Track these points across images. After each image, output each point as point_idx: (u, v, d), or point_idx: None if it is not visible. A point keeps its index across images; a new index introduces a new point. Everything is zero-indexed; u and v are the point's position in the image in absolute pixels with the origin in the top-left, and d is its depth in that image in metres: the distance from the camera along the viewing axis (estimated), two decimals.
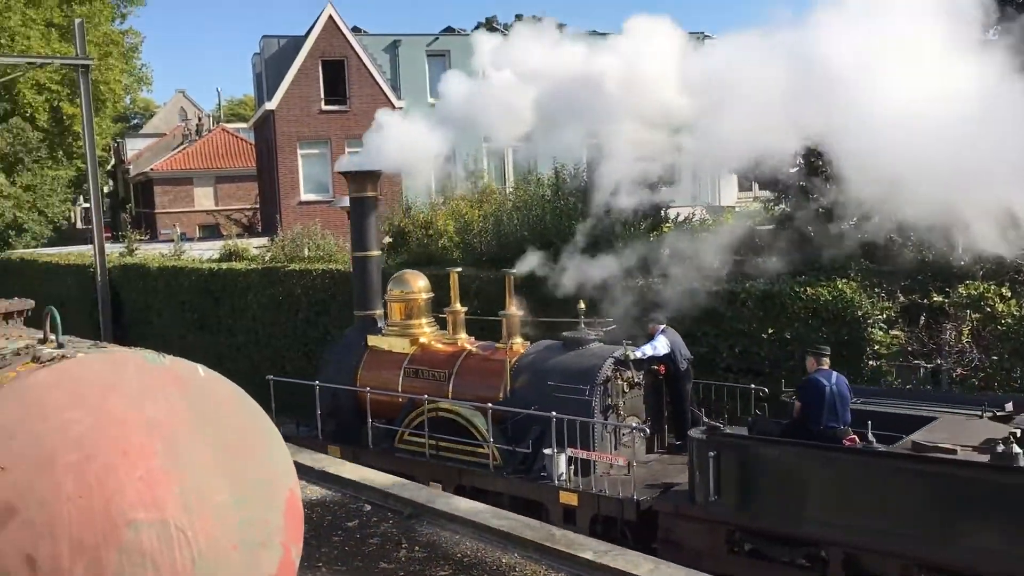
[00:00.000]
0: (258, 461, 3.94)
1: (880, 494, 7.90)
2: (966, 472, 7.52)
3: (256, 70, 37.68)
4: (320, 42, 33.35)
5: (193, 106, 67.39)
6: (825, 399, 8.59)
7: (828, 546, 8.23)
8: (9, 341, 4.16)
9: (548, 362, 10.93)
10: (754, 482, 8.63)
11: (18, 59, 30.71)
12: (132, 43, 51.29)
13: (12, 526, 3.29)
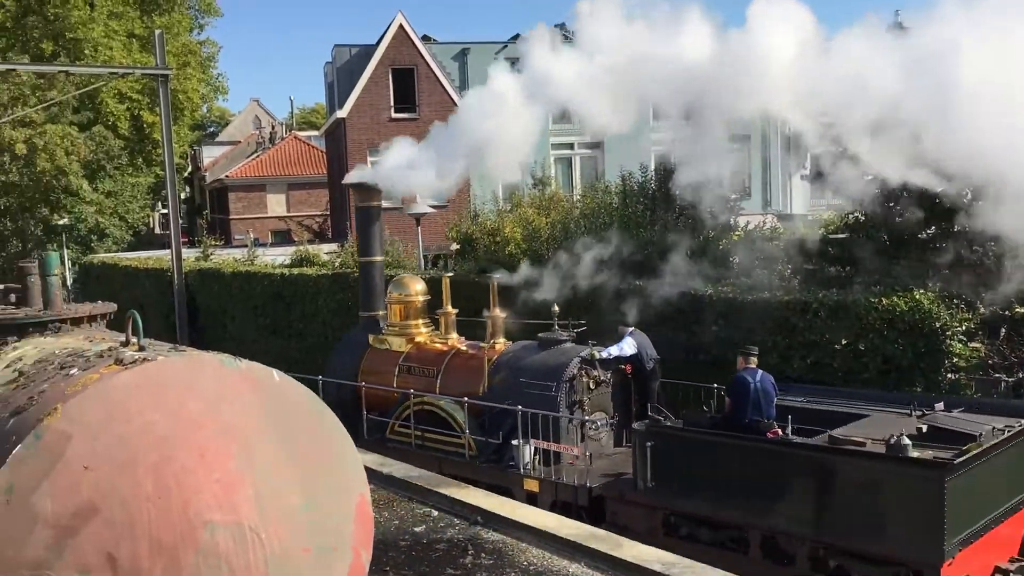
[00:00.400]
0: (330, 466, 3.99)
1: (791, 481, 8.73)
2: (863, 462, 8.32)
3: (328, 79, 38.31)
4: (390, 51, 33.75)
5: (267, 114, 68.79)
6: (750, 395, 9.46)
7: (748, 529, 9.02)
8: (93, 344, 4.28)
9: (522, 360, 11.83)
10: (685, 470, 9.47)
11: (101, 69, 31.71)
12: (209, 53, 52.55)
13: (94, 524, 3.38)
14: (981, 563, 8.48)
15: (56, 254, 4.94)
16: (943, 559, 7.83)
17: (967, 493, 8.07)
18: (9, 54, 40.40)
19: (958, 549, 8.05)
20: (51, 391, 3.60)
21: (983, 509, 8.46)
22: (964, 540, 8.13)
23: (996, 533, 8.68)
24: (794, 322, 12.73)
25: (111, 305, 5.14)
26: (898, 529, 8.02)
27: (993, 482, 8.58)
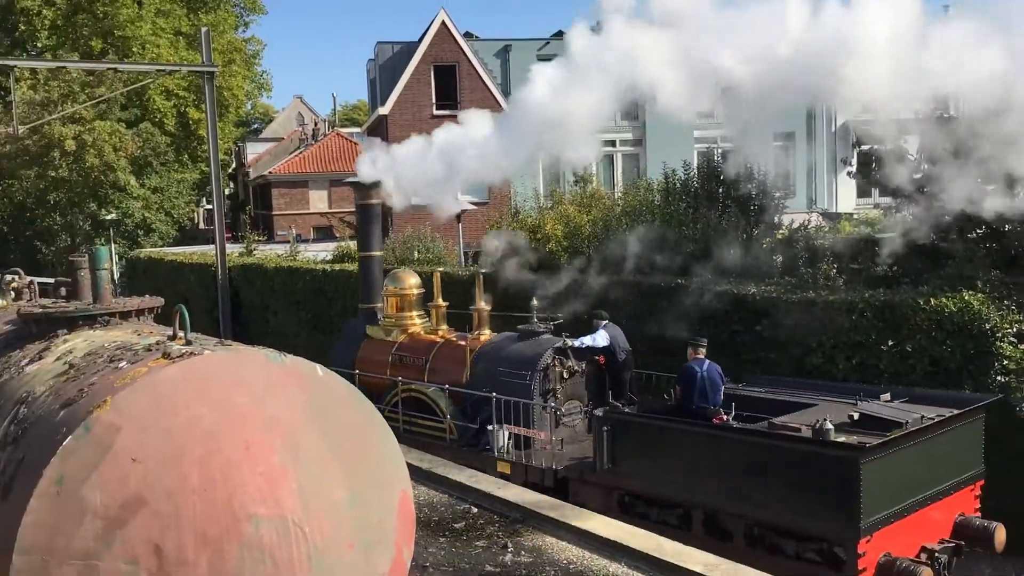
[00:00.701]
0: (373, 462, 4.00)
1: (730, 464, 9.29)
2: (790, 445, 8.92)
3: (370, 76, 38.53)
4: (432, 48, 33.85)
5: (310, 111, 69.36)
6: (696, 384, 10.13)
7: (692, 508, 9.59)
8: (141, 337, 4.33)
9: (501, 351, 12.40)
10: (638, 453, 10.11)
11: (148, 66, 32.20)
12: (254, 50, 53.13)
13: (142, 516, 3.42)
14: (905, 542, 8.87)
15: (105, 248, 5.02)
16: (859, 536, 8.34)
17: (885, 476, 8.61)
18: (60, 51, 41.16)
19: (876, 527, 8.52)
20: (100, 383, 3.64)
21: (905, 491, 8.92)
22: (883, 519, 8.59)
23: (924, 515, 9.13)
24: (839, 322, 12.55)
25: (158, 299, 5.20)
26: (820, 507, 8.58)
27: (918, 467, 9.05)
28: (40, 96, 35.92)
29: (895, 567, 8.42)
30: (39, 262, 37.33)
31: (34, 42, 43.31)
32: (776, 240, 17.08)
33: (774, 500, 8.92)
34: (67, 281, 5.28)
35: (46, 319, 4.79)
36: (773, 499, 8.93)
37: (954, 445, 9.54)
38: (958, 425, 9.58)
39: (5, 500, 3.46)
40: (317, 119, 62.38)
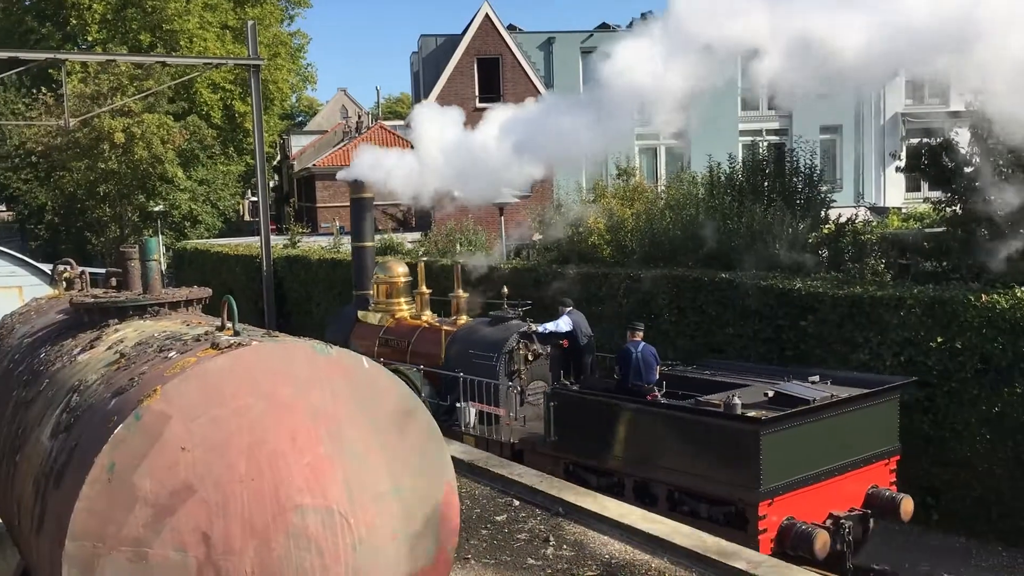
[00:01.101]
0: (418, 453, 4.00)
1: (656, 436, 10.35)
2: (703, 418, 9.97)
3: (414, 68, 38.65)
4: (476, 40, 33.85)
5: (353, 104, 69.76)
6: (631, 364, 11.09)
7: (624, 475, 10.54)
8: (190, 327, 4.38)
9: (473, 335, 13.30)
10: (579, 426, 11.06)
11: (196, 60, 32.60)
12: (299, 44, 53.56)
13: (190, 504, 3.46)
14: (812, 508, 9.65)
15: (155, 240, 5.08)
16: (759, 499, 9.22)
17: (786, 446, 9.44)
18: (109, 45, 41.84)
19: (778, 493, 9.36)
20: (151, 373, 3.69)
21: (810, 462, 9.71)
22: (785, 486, 9.41)
23: (833, 485, 9.92)
24: (887, 318, 12.35)
25: (206, 290, 5.26)
26: (728, 474, 9.54)
27: (824, 440, 9.86)
28: (90, 89, 36.50)
29: (794, 530, 9.25)
30: (89, 253, 38.06)
31: (84, 36, 44.09)
32: (822, 234, 16.85)
33: (691, 468, 9.89)
34: (118, 272, 5.36)
35: (98, 309, 4.87)
36: (690, 467, 9.90)
37: (866, 422, 10.28)
38: (868, 404, 10.32)
39: (58, 487, 3.52)
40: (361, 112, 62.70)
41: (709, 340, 14.89)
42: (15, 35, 44.64)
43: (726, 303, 14.57)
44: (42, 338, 5.19)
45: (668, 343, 15.50)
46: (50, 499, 3.57)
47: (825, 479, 9.85)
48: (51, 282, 13.58)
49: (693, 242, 16.38)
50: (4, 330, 6.06)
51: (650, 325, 15.85)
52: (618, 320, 16.43)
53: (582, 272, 17.37)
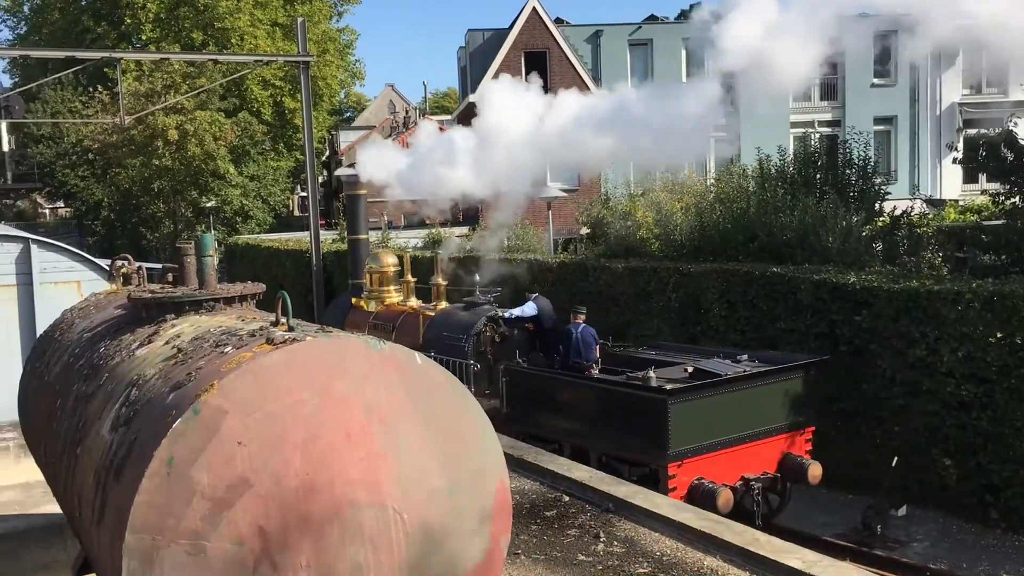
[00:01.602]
0: (471, 449, 4.00)
1: (589, 406, 11.64)
2: (623, 390, 11.37)
3: (461, 63, 38.73)
4: (523, 34, 33.80)
5: (401, 99, 70.11)
6: (572, 343, 12.41)
7: (563, 443, 11.68)
8: (245, 323, 4.42)
9: (448, 319, 14.41)
10: (527, 399, 12.43)
11: (247, 57, 32.98)
12: (348, 40, 53.93)
13: (247, 498, 3.49)
14: (723, 471, 10.87)
15: (210, 235, 5.14)
16: (668, 461, 10.51)
17: (694, 415, 10.70)
18: (163, 44, 42.51)
19: (686, 455, 10.63)
20: (207, 368, 3.73)
21: (720, 429, 10.90)
22: (694, 450, 10.68)
23: (746, 450, 11.17)
24: (944, 313, 12.08)
25: (260, 286, 5.31)
26: (644, 440, 10.76)
27: (734, 410, 11.03)
28: (145, 87, 37.16)
29: (701, 488, 10.43)
30: (144, 248, 38.77)
31: (139, 35, 44.84)
32: (877, 227, 16.55)
33: (616, 434, 11.16)
34: (174, 267, 5.43)
35: (155, 304, 4.93)
36: (615, 433, 11.16)
37: (776, 396, 11.51)
38: (776, 380, 11.53)
39: (118, 480, 3.57)
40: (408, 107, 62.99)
41: (760, 335, 14.70)
42: (72, 35, 45.56)
43: (778, 297, 14.38)
44: (101, 333, 5.28)
45: (718, 338, 15.34)
46: (110, 492, 3.63)
47: (735, 445, 11.09)
48: (108, 277, 13.86)
49: (744, 236, 16.19)
50: (64, 324, 6.18)
51: (699, 320, 15.74)
52: (667, 315, 16.33)
53: (630, 266, 17.27)
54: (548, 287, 18.76)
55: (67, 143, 43.05)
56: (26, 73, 46.90)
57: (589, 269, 18.07)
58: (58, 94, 43.88)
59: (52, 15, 48.32)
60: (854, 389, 13.34)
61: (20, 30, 52.87)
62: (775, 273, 14.44)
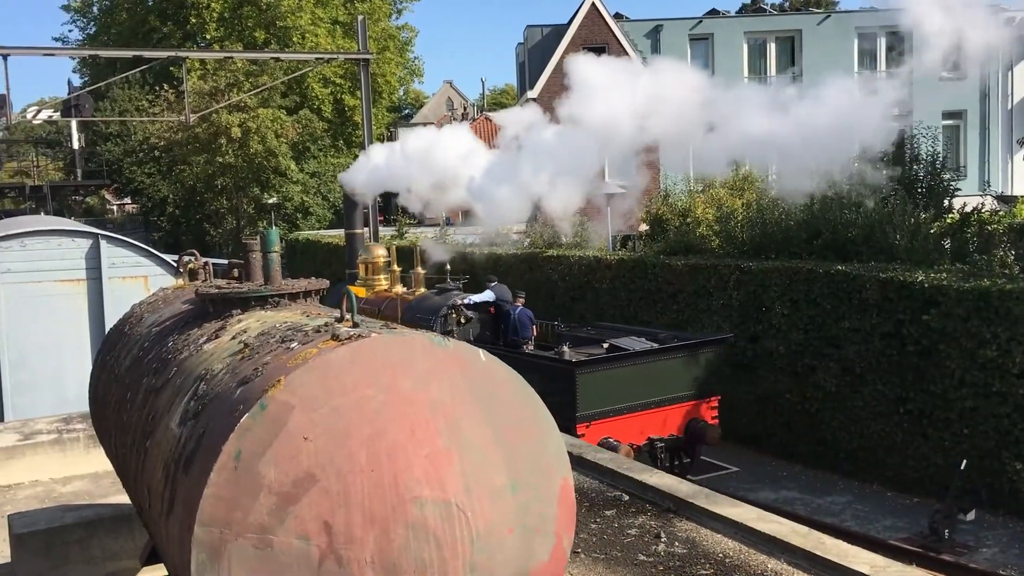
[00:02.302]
0: (535, 448, 3.96)
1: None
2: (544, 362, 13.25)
3: (519, 59, 38.70)
4: (582, 30, 33.68)
5: (459, 96, 70.39)
6: (510, 323, 14.64)
7: None
8: (310, 318, 4.44)
9: (422, 303, 16.27)
10: None
11: (308, 55, 33.38)
12: (407, 38, 54.29)
13: (313, 493, 3.50)
14: (631, 432, 12.58)
15: (276, 231, 5.17)
16: (577, 422, 12.18)
17: (600, 383, 12.43)
18: (226, 43, 43.24)
19: (593, 418, 12.36)
20: (274, 363, 3.75)
21: (625, 396, 12.59)
22: (601, 413, 12.43)
23: (653, 415, 12.89)
24: (1016, 313, 11.73)
25: (324, 282, 5.33)
26: (559, 405, 11.14)
27: (641, 380, 12.71)
28: (209, 86, 37.84)
29: (606, 445, 11.35)
30: (207, 243, 39.53)
31: (203, 34, 45.69)
32: (946, 225, 16.15)
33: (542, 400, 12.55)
34: (240, 263, 5.49)
35: (221, 299, 4.98)
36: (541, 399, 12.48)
37: (683, 369, 13.26)
38: (681, 355, 13.36)
39: (187, 473, 3.61)
40: (466, 103, 63.22)
41: (824, 334, 14.45)
42: (139, 35, 46.60)
43: (842, 296, 14.12)
44: (169, 327, 5.35)
45: (780, 337, 15.12)
46: (180, 485, 3.67)
47: (641, 410, 12.79)
48: (174, 272, 14.13)
49: (807, 233, 15.92)
50: (134, 319, 6.29)
51: (760, 318, 15.52)
52: (727, 313, 16.13)
53: (690, 264, 17.10)
54: (607, 284, 18.68)
55: (134, 141, 44.06)
56: (95, 73, 48.14)
57: (648, 266, 17.93)
58: (126, 93, 44.93)
59: (120, 16, 49.51)
60: (922, 390, 13.04)
61: (89, 30, 54.29)
62: (840, 271, 14.17)
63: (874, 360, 13.74)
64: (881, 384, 13.68)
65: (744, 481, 14.34)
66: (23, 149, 59.36)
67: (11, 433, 11.05)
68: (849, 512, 13.10)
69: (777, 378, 15.34)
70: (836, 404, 14.45)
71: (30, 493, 9.94)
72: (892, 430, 13.54)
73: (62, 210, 43.60)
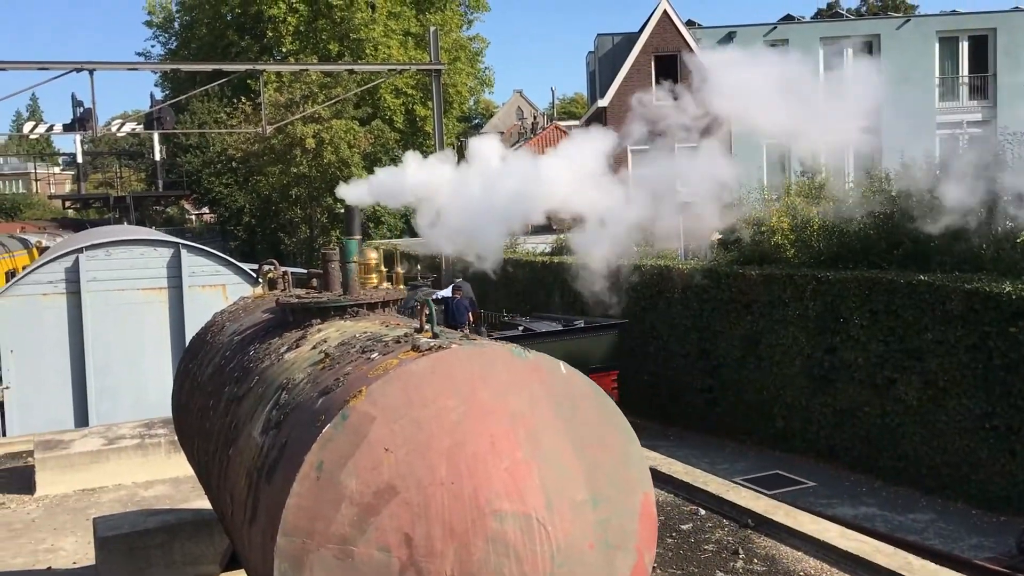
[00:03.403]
0: (616, 462, 3.90)
1: None
2: None
3: (590, 68, 38.62)
4: (654, 37, 33.47)
5: (529, 105, 70.56)
6: (449, 311, 17.47)
7: None
8: (389, 329, 4.46)
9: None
10: None
11: (381, 67, 33.81)
12: (478, 48, 54.65)
13: (393, 505, 3.49)
14: None
15: (355, 241, 5.22)
16: None
17: None
18: (301, 56, 44.07)
19: None
20: (355, 373, 3.76)
21: None
22: None
23: None
24: None
25: (401, 291, 5.36)
26: None
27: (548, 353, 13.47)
28: (285, 98, 38.59)
29: None
30: (282, 252, 40.28)
31: (279, 48, 46.66)
32: None
33: None
34: (318, 272, 5.54)
35: (302, 309, 5.03)
36: None
37: (587, 347, 15.67)
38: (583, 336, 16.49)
39: (270, 482, 3.64)
40: (536, 112, 63.32)
41: (905, 346, 14.06)
42: (218, 49, 47.81)
43: (924, 307, 13.71)
44: (250, 336, 5.43)
45: (859, 348, 14.75)
46: (262, 493, 3.70)
47: None
48: (252, 281, 14.41)
49: (887, 242, 15.50)
50: (215, 327, 6.40)
51: (838, 329, 15.15)
52: (803, 324, 15.79)
53: (764, 273, 16.81)
54: (678, 294, 18.47)
55: (212, 152, 45.16)
56: (176, 86, 49.53)
57: (721, 276, 17.68)
58: (205, 106, 46.12)
59: (200, 31, 50.89)
60: (1009, 405, 12.58)
61: (171, 45, 55.94)
62: (922, 281, 13.77)
63: (958, 373, 13.30)
64: (966, 398, 13.24)
65: (821, 497, 14.00)
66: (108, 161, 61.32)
67: (96, 438, 11.36)
68: (932, 530, 12.69)
69: (856, 391, 14.96)
70: (918, 418, 14.03)
71: (113, 496, 10.20)
72: (977, 446, 13.09)
73: (144, 220, 44.90)
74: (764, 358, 16.68)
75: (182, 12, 54.75)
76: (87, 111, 27.31)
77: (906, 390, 14.10)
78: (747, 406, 17.07)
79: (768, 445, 16.63)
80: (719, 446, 17.19)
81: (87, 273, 14.10)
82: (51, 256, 14.76)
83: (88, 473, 10.70)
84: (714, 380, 17.92)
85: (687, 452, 15.87)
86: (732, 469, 15.34)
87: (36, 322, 13.99)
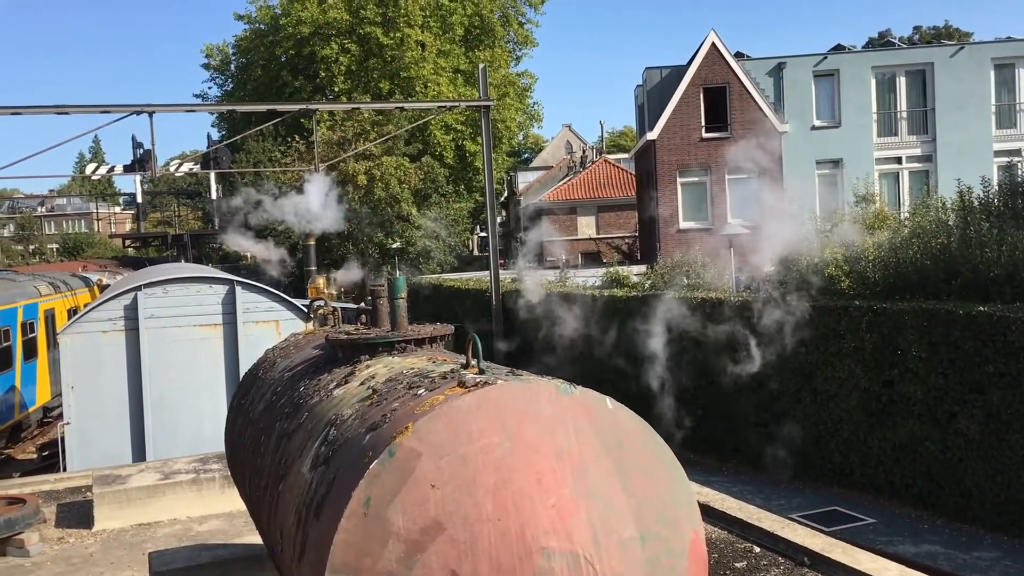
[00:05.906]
0: (664, 499, 3.85)
1: None
2: None
3: (638, 101, 38.67)
4: (702, 70, 33.43)
5: (577, 139, 70.80)
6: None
7: None
8: (436, 364, 4.48)
9: None
10: None
11: (431, 104, 34.25)
12: (527, 84, 55.10)
13: (440, 541, 3.49)
14: None
15: (403, 278, 5.26)
16: None
17: None
18: (353, 94, 44.83)
19: None
20: (402, 409, 3.78)
21: None
22: None
23: None
24: None
25: (449, 327, 5.38)
26: None
27: None
28: (337, 136, 39.24)
29: None
30: None
31: (332, 87, 47.54)
32: None
33: None
34: (368, 308, 5.60)
35: (350, 345, 5.09)
36: None
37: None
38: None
39: (318, 518, 3.66)
40: (585, 146, 63.50)
41: (965, 379, 13.71)
42: (272, 89, 48.87)
43: (985, 339, 13.37)
44: (300, 372, 5.50)
45: (917, 382, 14.43)
46: (311, 529, 3.72)
47: None
48: (304, 316, 14.61)
49: (945, 272, 15.19)
50: (267, 363, 6.49)
51: (895, 362, 14.84)
52: (859, 356, 15.49)
53: (818, 305, 16.55)
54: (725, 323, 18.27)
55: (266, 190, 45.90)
56: (232, 126, 50.68)
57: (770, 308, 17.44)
58: (259, 145, 47.08)
59: (255, 72, 52.08)
60: None
61: (227, 87, 57.31)
62: (982, 312, 13.44)
63: (1022, 406, 12.92)
64: None
65: (881, 534, 13.64)
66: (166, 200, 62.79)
67: (152, 472, 11.54)
68: (998, 568, 12.28)
69: (915, 425, 14.60)
70: (981, 453, 13.64)
71: (168, 531, 10.33)
72: None
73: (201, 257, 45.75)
74: (820, 391, 16.39)
75: (238, 55, 56.16)
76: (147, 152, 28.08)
77: (968, 424, 13.73)
78: (803, 441, 16.76)
79: (825, 481, 16.29)
80: (774, 482, 16.87)
81: (145, 310, 14.41)
82: (111, 294, 15.13)
83: (144, 508, 10.86)
84: (769, 414, 17.64)
85: (741, 488, 15.60)
86: (788, 505, 15.04)
87: (96, 359, 14.32)
